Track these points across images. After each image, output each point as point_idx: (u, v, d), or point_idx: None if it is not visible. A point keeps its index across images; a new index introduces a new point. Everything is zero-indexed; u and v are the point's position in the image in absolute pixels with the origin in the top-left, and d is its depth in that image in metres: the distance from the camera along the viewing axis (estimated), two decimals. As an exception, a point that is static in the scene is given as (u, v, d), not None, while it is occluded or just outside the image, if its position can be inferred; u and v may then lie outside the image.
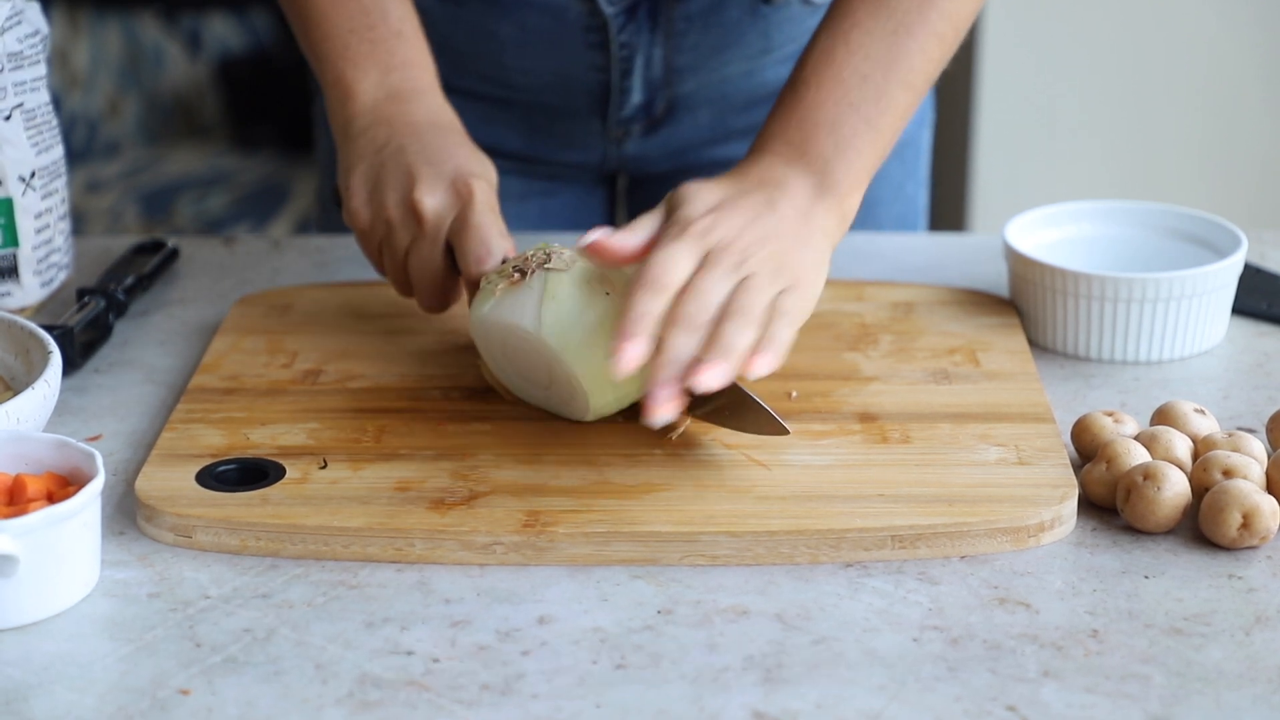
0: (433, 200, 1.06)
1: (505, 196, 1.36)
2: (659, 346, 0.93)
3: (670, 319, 0.93)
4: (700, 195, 1.00)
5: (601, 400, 1.00)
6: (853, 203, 1.05)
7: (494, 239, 1.05)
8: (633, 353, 0.92)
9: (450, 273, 1.08)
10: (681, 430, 1.00)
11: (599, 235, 0.98)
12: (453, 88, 1.28)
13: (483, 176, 1.08)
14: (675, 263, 0.95)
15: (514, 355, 1.02)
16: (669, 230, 0.97)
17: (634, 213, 1.45)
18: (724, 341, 0.93)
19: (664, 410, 0.92)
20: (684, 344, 0.93)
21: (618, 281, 1.00)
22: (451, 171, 1.07)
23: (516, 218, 1.39)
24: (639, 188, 1.43)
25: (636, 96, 1.32)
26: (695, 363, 0.92)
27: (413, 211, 1.06)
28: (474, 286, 1.06)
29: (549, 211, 1.40)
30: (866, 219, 1.38)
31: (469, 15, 1.27)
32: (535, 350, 1.00)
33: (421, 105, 1.12)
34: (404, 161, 1.07)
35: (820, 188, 1.03)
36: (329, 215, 1.46)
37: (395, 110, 1.11)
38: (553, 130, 1.35)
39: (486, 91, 1.33)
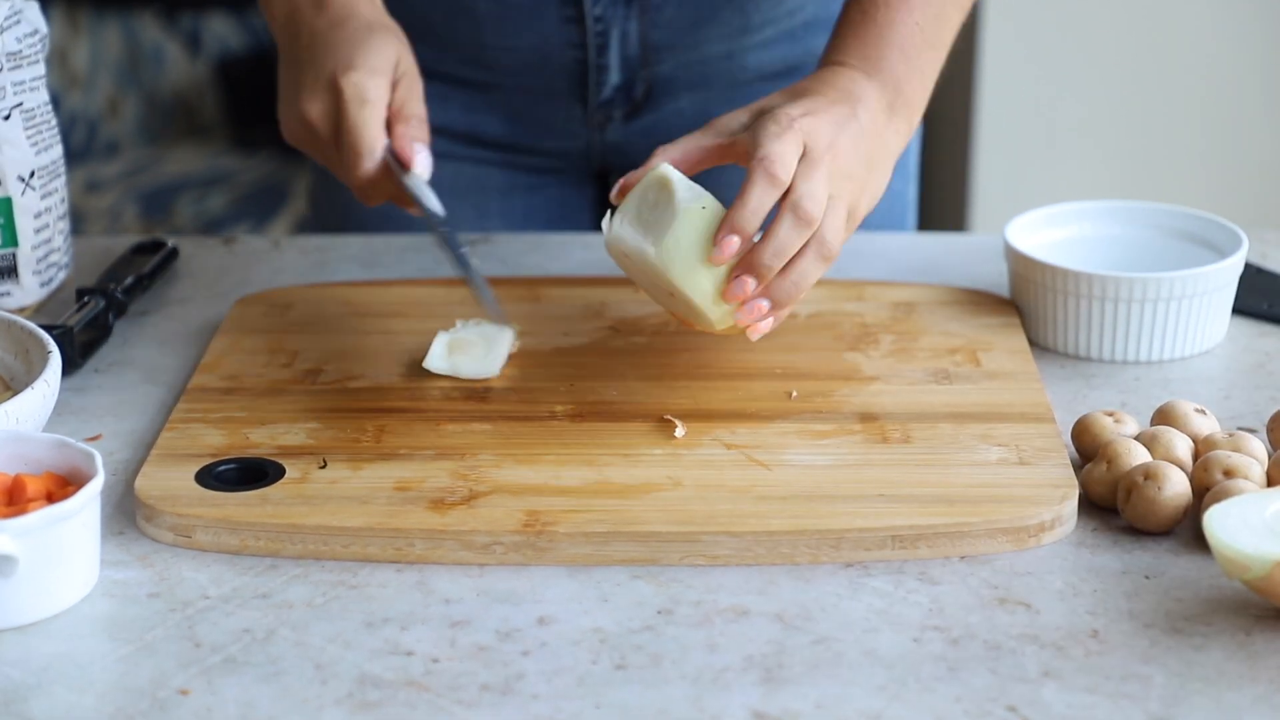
0: (315, 107, 1.08)
1: (488, 189, 1.37)
2: (767, 234, 0.99)
3: (784, 210, 0.99)
4: (792, 99, 1.05)
5: (720, 312, 1.01)
6: (917, 119, 1.11)
7: (365, 138, 1.06)
8: (735, 247, 0.98)
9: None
10: (683, 432, 1.00)
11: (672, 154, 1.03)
12: (434, 73, 1.29)
13: (360, 67, 1.07)
14: (789, 155, 1.00)
15: (642, 270, 1.03)
16: (769, 125, 1.01)
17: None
18: (799, 275, 1.00)
19: (754, 319, 1.00)
20: (791, 239, 0.99)
21: (707, 197, 1.01)
22: (329, 71, 1.08)
23: (501, 213, 1.39)
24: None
25: (614, 76, 1.32)
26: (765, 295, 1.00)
27: (306, 123, 1.09)
28: (362, 187, 1.07)
29: (534, 207, 1.39)
30: None
31: None
32: (655, 270, 1.01)
33: (321, 10, 1.12)
34: (295, 72, 1.10)
35: (893, 105, 1.08)
36: (320, 215, 1.46)
37: (300, 20, 1.12)
38: (534, 115, 1.35)
39: (467, 75, 1.33)
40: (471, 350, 1.07)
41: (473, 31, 1.30)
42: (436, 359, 1.07)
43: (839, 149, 1.02)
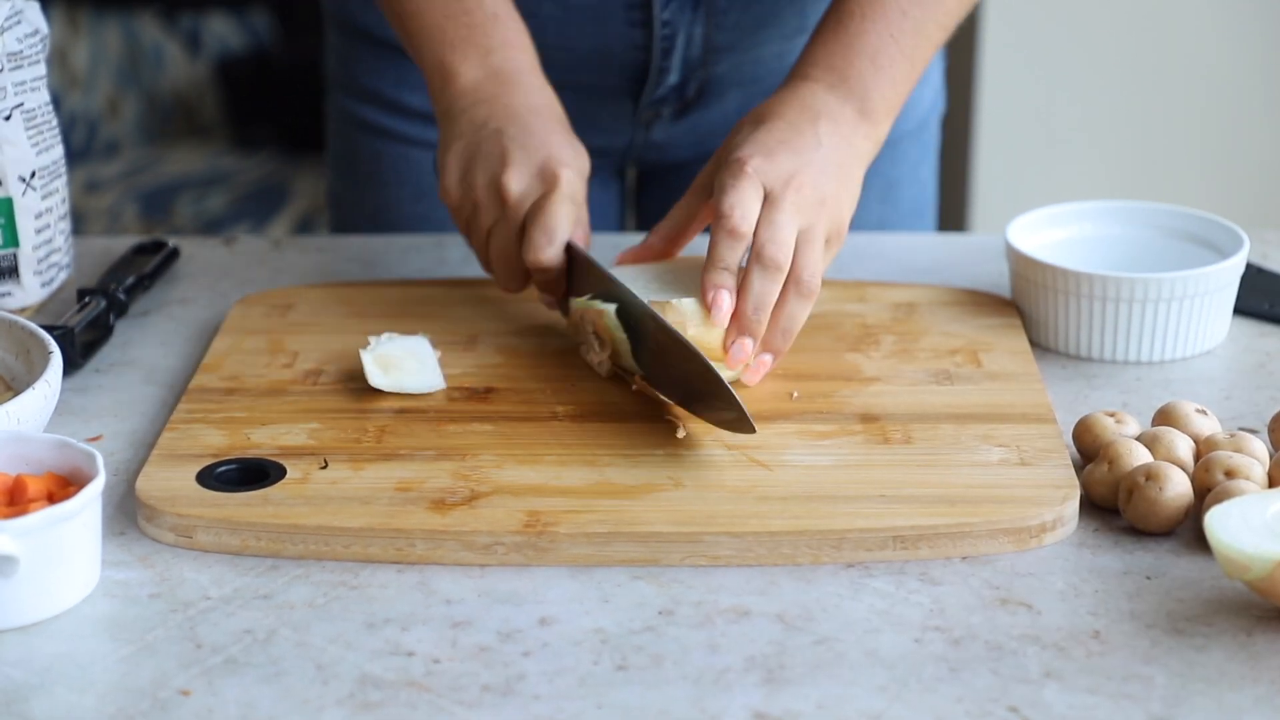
0: (519, 184, 1.09)
1: None
2: (742, 290, 1.03)
3: (752, 262, 1.03)
4: (752, 134, 1.07)
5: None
6: (885, 130, 1.12)
7: (559, 230, 1.09)
8: (727, 301, 1.02)
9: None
10: (684, 432, 1.00)
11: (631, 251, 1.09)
12: None
13: (572, 165, 1.11)
14: (748, 206, 1.03)
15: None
16: (725, 178, 1.04)
17: (644, 208, 1.45)
18: (789, 319, 1.04)
19: (743, 360, 1.03)
20: (767, 289, 1.03)
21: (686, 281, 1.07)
22: (542, 158, 1.10)
23: None
24: (652, 178, 1.43)
25: (673, 77, 1.32)
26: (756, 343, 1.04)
27: (499, 193, 1.10)
28: (535, 272, 1.10)
29: None
30: (886, 197, 1.39)
31: None
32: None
33: (521, 88, 1.14)
34: (499, 144, 1.11)
35: (859, 113, 1.10)
36: (341, 214, 1.46)
37: (495, 91, 1.14)
38: (582, 114, 1.35)
39: None
40: (405, 365, 1.08)
41: (535, 32, 1.29)
42: (378, 378, 1.06)
43: (802, 179, 1.05)
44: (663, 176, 1.42)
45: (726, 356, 1.03)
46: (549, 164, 1.09)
